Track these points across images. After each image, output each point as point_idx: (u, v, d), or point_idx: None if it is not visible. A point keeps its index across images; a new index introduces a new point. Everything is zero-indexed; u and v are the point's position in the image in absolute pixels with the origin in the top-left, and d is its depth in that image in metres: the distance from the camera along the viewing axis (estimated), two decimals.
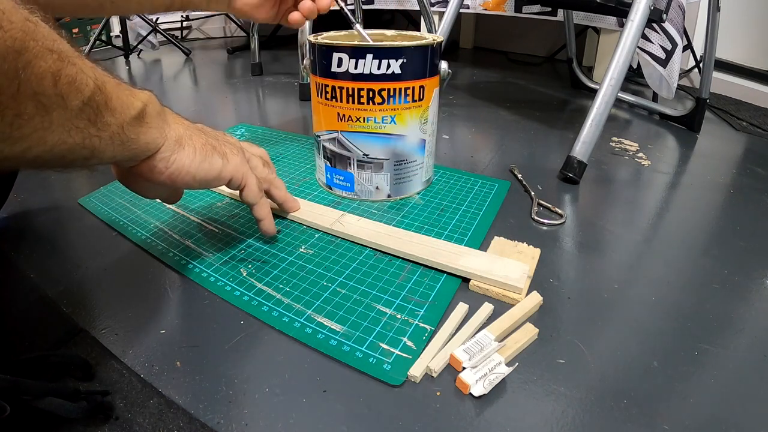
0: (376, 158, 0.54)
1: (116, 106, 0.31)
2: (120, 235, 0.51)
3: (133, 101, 0.33)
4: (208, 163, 0.39)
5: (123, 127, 0.31)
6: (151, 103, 0.35)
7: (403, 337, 0.36)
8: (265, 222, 0.46)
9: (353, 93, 0.51)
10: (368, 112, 0.52)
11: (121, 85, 0.32)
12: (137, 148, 0.33)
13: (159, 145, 0.35)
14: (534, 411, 0.30)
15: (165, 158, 0.36)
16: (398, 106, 0.52)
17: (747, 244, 0.50)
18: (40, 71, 0.24)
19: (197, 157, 0.38)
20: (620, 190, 0.63)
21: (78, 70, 0.27)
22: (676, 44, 0.90)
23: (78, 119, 0.28)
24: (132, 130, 0.32)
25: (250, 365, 0.34)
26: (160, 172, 0.36)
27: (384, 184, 0.56)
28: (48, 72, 0.25)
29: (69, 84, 0.26)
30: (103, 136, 0.30)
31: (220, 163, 0.40)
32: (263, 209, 0.45)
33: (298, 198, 0.53)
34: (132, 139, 0.33)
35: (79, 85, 0.27)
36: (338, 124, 0.53)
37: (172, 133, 0.37)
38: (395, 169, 0.55)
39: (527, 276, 0.41)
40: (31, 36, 0.24)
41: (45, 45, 0.24)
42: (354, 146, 0.54)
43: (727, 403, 0.31)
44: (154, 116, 0.35)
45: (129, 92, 0.33)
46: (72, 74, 0.26)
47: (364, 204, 0.57)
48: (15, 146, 0.25)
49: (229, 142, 0.43)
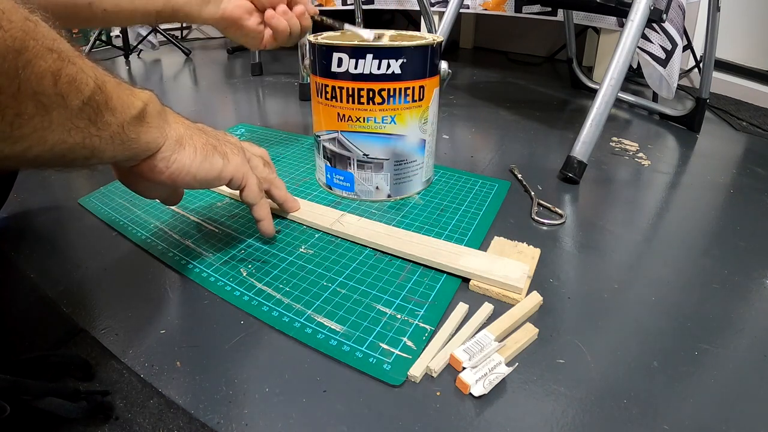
0: (376, 158, 0.54)
1: (116, 106, 0.31)
2: (120, 235, 0.51)
3: (134, 101, 0.32)
4: (208, 163, 0.39)
5: (123, 127, 0.31)
6: (151, 103, 0.35)
7: (403, 337, 0.36)
8: (265, 222, 0.46)
9: (353, 93, 0.51)
10: (368, 112, 0.52)
11: (121, 85, 0.32)
12: (138, 147, 0.33)
13: (159, 145, 0.35)
14: (534, 411, 0.30)
15: (166, 158, 0.36)
16: (398, 106, 0.52)
17: (747, 244, 0.50)
18: (40, 71, 0.24)
19: (198, 156, 0.38)
20: (620, 190, 0.63)
21: (78, 69, 0.27)
22: (676, 44, 0.90)
23: (78, 119, 0.28)
24: (132, 130, 0.32)
25: (250, 365, 0.34)
26: (160, 171, 0.36)
27: (384, 184, 0.56)
28: (48, 71, 0.25)
29: (69, 83, 0.26)
30: (104, 135, 0.30)
31: (220, 163, 0.40)
32: (263, 210, 0.45)
33: (298, 198, 0.53)
34: (132, 138, 0.32)
35: (79, 85, 0.27)
36: (338, 124, 0.53)
37: (173, 132, 0.37)
38: (395, 169, 0.55)
39: (527, 276, 0.41)
40: (31, 35, 0.24)
41: (45, 44, 0.24)
42: (354, 146, 0.54)
43: (727, 403, 0.31)
44: (155, 116, 0.35)
45: (129, 92, 0.33)
46: (72, 73, 0.26)
47: (364, 204, 0.56)
48: (15, 146, 0.25)
49: (230, 142, 0.43)
